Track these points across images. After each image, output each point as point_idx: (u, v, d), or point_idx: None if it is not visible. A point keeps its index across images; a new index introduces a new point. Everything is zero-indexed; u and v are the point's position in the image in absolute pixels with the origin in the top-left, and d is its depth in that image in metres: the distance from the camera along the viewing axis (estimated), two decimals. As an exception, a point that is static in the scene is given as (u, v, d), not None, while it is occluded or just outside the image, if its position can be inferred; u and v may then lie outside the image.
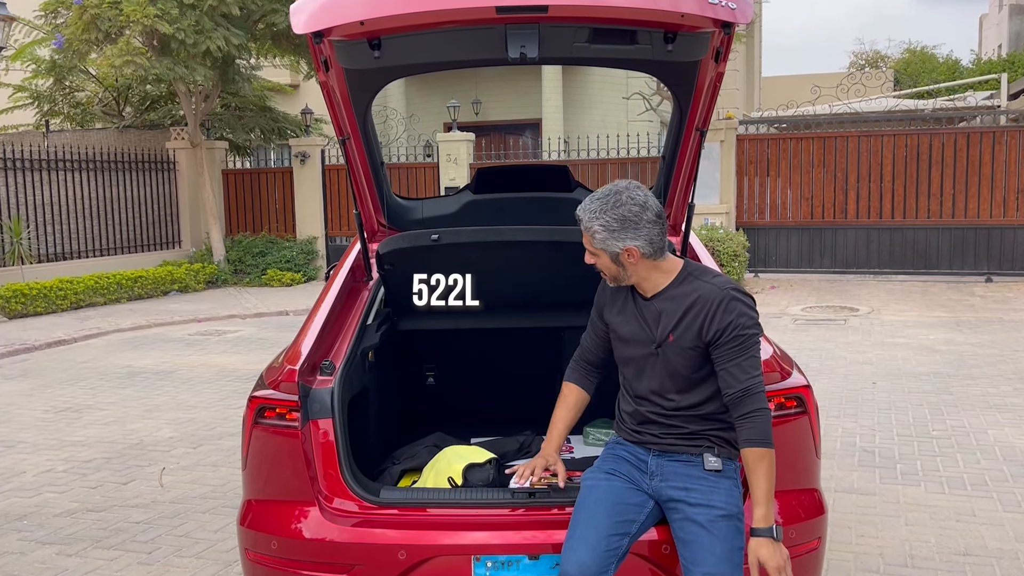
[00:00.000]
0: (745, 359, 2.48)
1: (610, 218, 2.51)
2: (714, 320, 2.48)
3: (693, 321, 2.51)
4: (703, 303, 2.51)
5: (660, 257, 2.57)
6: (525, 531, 2.60)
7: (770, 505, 2.42)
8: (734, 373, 2.47)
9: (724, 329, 2.47)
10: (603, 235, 2.52)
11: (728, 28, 2.72)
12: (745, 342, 2.48)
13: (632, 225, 2.50)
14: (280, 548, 2.66)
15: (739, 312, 2.48)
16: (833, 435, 5.62)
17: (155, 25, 11.99)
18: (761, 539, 2.41)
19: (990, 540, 4.04)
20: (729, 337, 2.47)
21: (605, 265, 2.59)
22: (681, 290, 2.56)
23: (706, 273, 2.59)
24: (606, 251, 2.55)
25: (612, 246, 2.53)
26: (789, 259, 13.87)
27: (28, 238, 12.78)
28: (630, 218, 2.50)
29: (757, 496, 2.42)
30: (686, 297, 2.54)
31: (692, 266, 2.62)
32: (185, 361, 8.71)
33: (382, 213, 3.69)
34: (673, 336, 2.54)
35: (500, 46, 2.74)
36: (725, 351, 2.48)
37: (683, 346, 2.53)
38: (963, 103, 17.50)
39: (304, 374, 2.79)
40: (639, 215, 2.51)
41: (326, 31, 2.70)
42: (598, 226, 2.52)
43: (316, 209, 15.83)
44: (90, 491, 5.00)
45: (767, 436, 2.44)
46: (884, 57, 44.54)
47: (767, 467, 2.42)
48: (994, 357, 7.91)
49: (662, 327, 2.57)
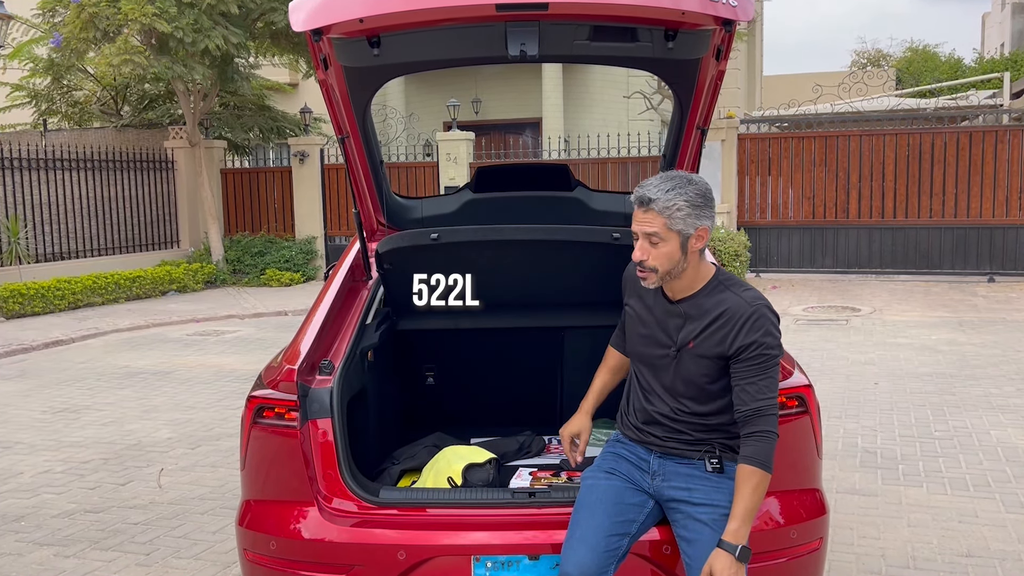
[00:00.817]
0: (763, 379, 2.43)
1: (693, 193, 2.41)
2: (739, 335, 2.44)
3: (717, 332, 2.47)
4: (731, 316, 2.46)
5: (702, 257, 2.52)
6: (525, 531, 2.59)
7: (745, 524, 2.36)
8: (749, 391, 2.43)
9: (748, 346, 2.43)
10: (686, 211, 2.40)
11: (729, 26, 2.72)
12: (766, 362, 2.43)
13: (709, 202, 2.44)
14: (279, 549, 2.65)
15: (765, 331, 2.43)
16: (835, 436, 5.60)
17: (153, 24, 11.96)
18: (722, 552, 2.34)
19: (993, 541, 4.02)
20: (752, 355, 2.43)
21: (668, 253, 2.44)
22: (711, 299, 2.51)
23: (737, 284, 2.53)
24: (682, 233, 2.42)
25: (691, 225, 2.42)
26: (791, 259, 13.84)
27: (26, 238, 12.75)
28: (709, 196, 2.44)
29: (735, 510, 2.38)
30: (715, 307, 2.49)
31: (723, 274, 2.56)
32: (183, 361, 8.69)
33: (381, 212, 3.67)
34: (694, 344, 2.50)
35: (500, 44, 2.73)
36: (744, 367, 2.44)
37: (702, 355, 2.49)
38: (965, 102, 17.40)
39: (303, 373, 2.78)
40: (711, 195, 2.46)
41: (325, 28, 2.69)
42: (682, 202, 2.40)
43: (315, 209, 15.80)
44: (88, 492, 4.98)
45: (767, 459, 2.39)
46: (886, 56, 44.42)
47: (755, 487, 2.37)
48: (997, 357, 7.89)
49: (684, 333, 2.52)
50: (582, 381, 3.64)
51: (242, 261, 15.15)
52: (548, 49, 2.77)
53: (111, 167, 14.54)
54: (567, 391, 3.93)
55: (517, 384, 3.94)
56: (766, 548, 2.59)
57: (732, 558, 2.32)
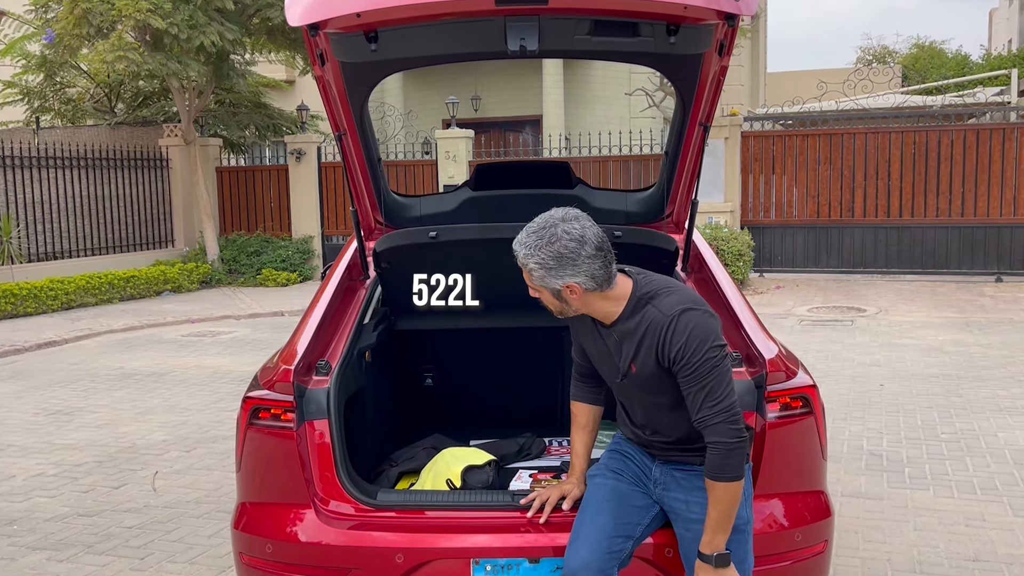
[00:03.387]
0: (699, 388, 2.32)
1: (545, 255, 2.35)
2: (664, 348, 2.35)
3: (649, 352, 2.39)
4: (652, 331, 2.37)
5: (607, 287, 2.40)
6: (525, 534, 2.58)
7: (717, 534, 2.36)
8: (691, 403, 2.36)
9: (676, 358, 2.33)
10: (540, 273, 2.37)
11: (732, 20, 2.70)
12: (696, 370, 2.32)
13: (570, 262, 2.34)
14: (275, 552, 2.64)
15: (688, 338, 2.31)
16: (840, 438, 5.57)
17: (148, 20, 11.91)
18: (700, 563, 2.38)
19: (1000, 545, 3.99)
20: (681, 365, 2.34)
21: (548, 301, 2.45)
22: (633, 320, 2.41)
23: (657, 294, 2.41)
24: (547, 288, 2.41)
25: (551, 284, 2.38)
26: (795, 258, 13.76)
27: (18, 237, 12.69)
28: (567, 255, 2.33)
29: (706, 522, 2.38)
30: (639, 327, 2.40)
31: (643, 287, 2.44)
32: (178, 363, 8.65)
33: (379, 211, 3.67)
34: (635, 367, 2.44)
35: (499, 39, 2.72)
36: (683, 379, 2.36)
37: (647, 376, 2.42)
38: (973, 99, 17.30)
39: (300, 374, 2.76)
40: (576, 251, 2.33)
41: (322, 23, 2.67)
42: (534, 264, 2.37)
43: (312, 207, 15.76)
44: (81, 495, 4.95)
45: (720, 470, 2.32)
46: (892, 52, 44.25)
47: (717, 498, 2.35)
48: (1004, 358, 7.84)
49: (623, 357, 2.46)
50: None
51: (238, 261, 15.10)
52: (548, 44, 2.76)
53: (105, 165, 14.48)
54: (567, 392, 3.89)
55: (517, 385, 3.93)
56: (770, 551, 2.58)
57: (711, 568, 2.36)
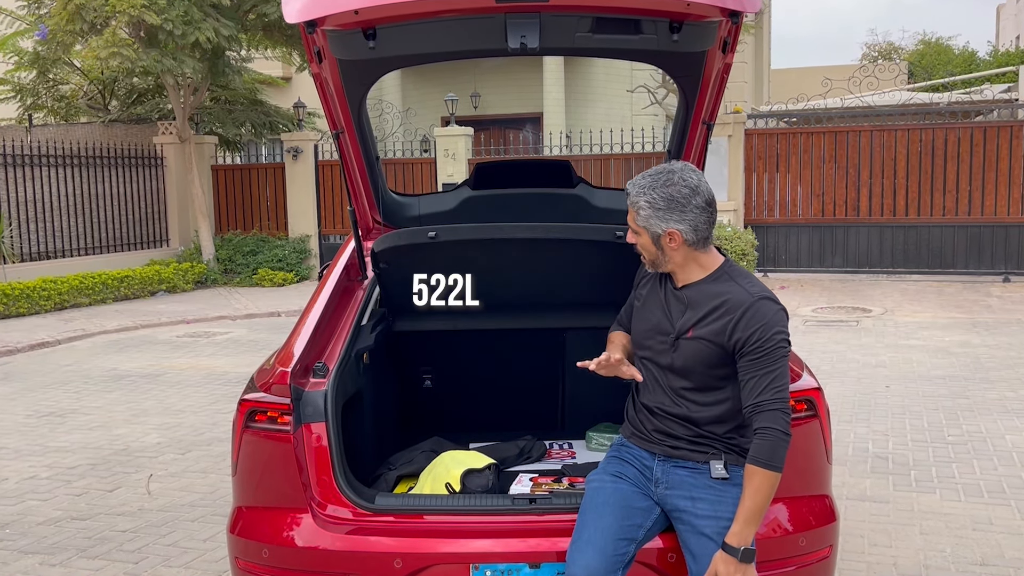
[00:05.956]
0: (765, 373, 2.39)
1: (657, 195, 2.45)
2: (738, 327, 2.42)
3: (716, 322, 2.45)
4: (730, 306, 2.44)
5: (702, 248, 2.50)
6: (526, 538, 2.57)
7: (748, 526, 2.33)
8: (751, 387, 2.41)
9: (747, 339, 2.40)
10: (647, 212, 2.46)
11: (736, 17, 2.69)
12: (766, 356, 2.39)
13: (679, 207, 2.43)
14: (272, 557, 2.63)
15: (765, 324, 2.39)
16: (845, 440, 5.55)
17: (142, 15, 11.84)
18: (724, 555, 2.33)
19: (1008, 549, 3.97)
20: (751, 348, 2.40)
21: (645, 245, 2.52)
22: (713, 288, 2.50)
23: (743, 277, 2.51)
24: (648, 230, 2.48)
25: (655, 226, 2.46)
26: (799, 258, 13.70)
27: (10, 236, 12.64)
28: (678, 199, 2.44)
29: (738, 511, 2.35)
30: (716, 297, 2.47)
31: (731, 266, 2.54)
32: (173, 364, 8.61)
33: (377, 210, 3.66)
34: (693, 332, 2.48)
35: (500, 36, 2.70)
36: (746, 362, 2.42)
37: (702, 343, 2.46)
38: (980, 96, 17.20)
39: (296, 376, 2.74)
40: (688, 198, 2.44)
41: (319, 20, 2.65)
42: (644, 202, 2.46)
43: (309, 206, 15.71)
44: (74, 498, 4.92)
45: (769, 458, 2.34)
46: (898, 49, 44.23)
47: (756, 487, 2.34)
48: (1012, 360, 7.81)
49: (684, 320, 2.50)
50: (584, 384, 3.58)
51: (234, 260, 15.06)
52: (549, 41, 2.75)
53: (98, 163, 14.42)
54: (569, 394, 3.89)
55: (517, 387, 3.92)
56: (774, 556, 2.57)
57: (735, 561, 2.30)
